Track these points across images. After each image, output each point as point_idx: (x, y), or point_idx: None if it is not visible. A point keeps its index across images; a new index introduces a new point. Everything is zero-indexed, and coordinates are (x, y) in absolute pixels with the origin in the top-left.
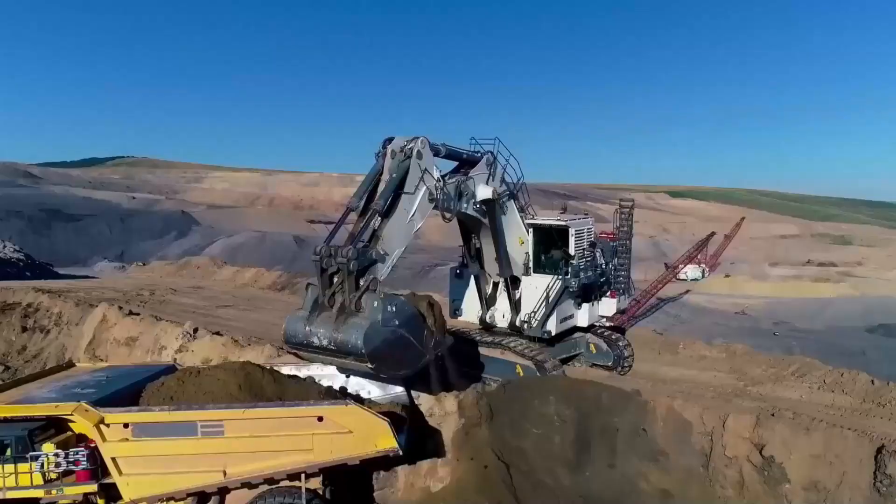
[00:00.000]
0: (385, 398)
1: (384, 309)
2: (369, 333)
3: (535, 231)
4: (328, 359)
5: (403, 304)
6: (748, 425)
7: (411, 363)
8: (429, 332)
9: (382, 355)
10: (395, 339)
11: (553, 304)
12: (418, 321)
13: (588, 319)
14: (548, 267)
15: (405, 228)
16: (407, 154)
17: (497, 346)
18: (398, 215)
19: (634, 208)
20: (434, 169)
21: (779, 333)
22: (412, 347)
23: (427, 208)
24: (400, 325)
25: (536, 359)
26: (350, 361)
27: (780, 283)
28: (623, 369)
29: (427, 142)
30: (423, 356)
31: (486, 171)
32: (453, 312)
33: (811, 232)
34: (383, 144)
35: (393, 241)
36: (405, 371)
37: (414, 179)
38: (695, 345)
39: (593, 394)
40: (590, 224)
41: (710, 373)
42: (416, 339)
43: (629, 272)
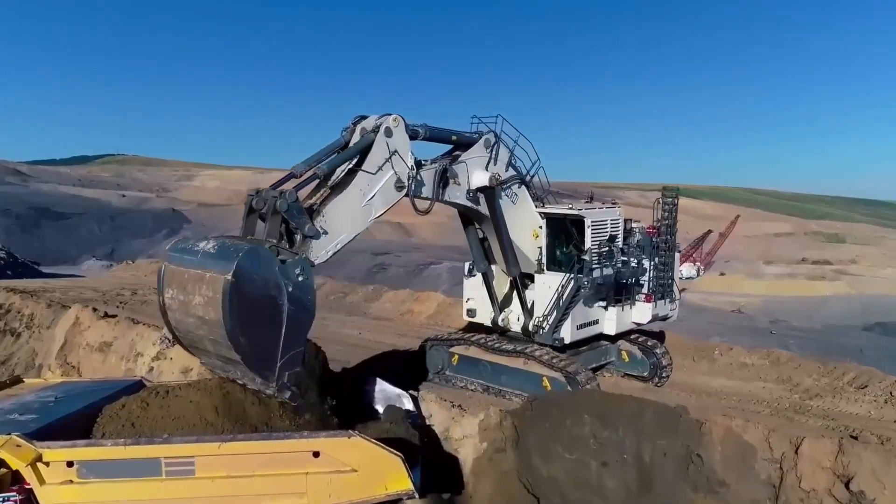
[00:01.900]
0: (391, 419)
1: (294, 267)
2: (250, 259)
3: (549, 222)
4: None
5: (310, 289)
6: (829, 451)
7: (265, 346)
8: (302, 368)
9: (248, 294)
10: (272, 304)
11: (565, 306)
12: (305, 321)
13: (616, 326)
14: (564, 264)
15: (359, 212)
16: (374, 130)
17: (518, 354)
18: (350, 193)
19: (679, 198)
20: (408, 154)
21: (776, 332)
22: (275, 332)
23: (393, 196)
24: (291, 301)
25: (566, 370)
26: (210, 273)
27: (776, 282)
28: (660, 381)
29: (401, 120)
30: (275, 353)
31: (484, 154)
32: (467, 313)
33: (805, 230)
34: (354, 121)
35: (339, 222)
36: (254, 350)
37: (377, 158)
38: (732, 350)
39: (635, 412)
40: (615, 215)
41: (757, 383)
42: (289, 333)
43: (673, 273)
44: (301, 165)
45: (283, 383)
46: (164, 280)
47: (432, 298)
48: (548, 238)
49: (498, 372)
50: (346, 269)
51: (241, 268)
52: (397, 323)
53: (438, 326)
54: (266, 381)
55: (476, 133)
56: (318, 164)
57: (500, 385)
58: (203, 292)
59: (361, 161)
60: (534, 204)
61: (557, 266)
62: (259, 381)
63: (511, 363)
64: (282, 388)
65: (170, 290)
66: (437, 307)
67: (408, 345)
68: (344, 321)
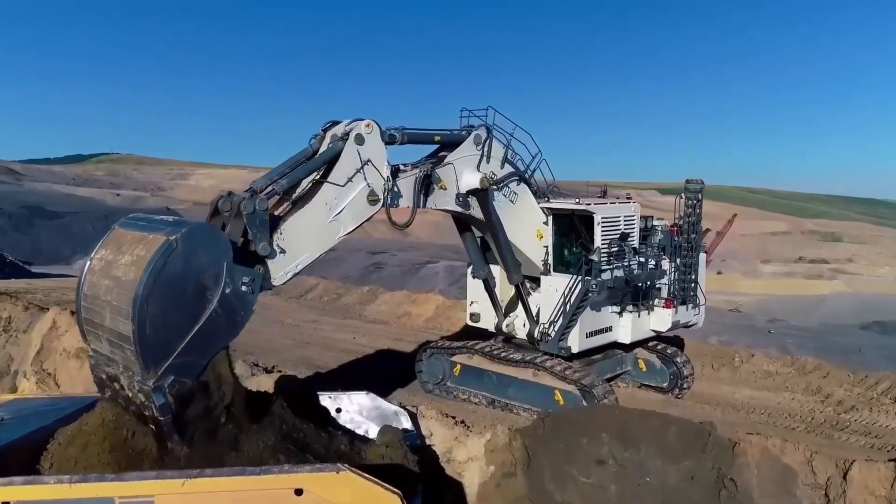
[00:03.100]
0: (386, 441)
1: (245, 274)
2: (205, 234)
3: (556, 219)
4: (135, 234)
5: (248, 306)
6: (883, 477)
7: (167, 333)
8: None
9: (182, 266)
10: (199, 293)
11: (572, 311)
12: (223, 335)
13: (632, 335)
14: (572, 265)
15: (324, 229)
16: (342, 138)
17: (528, 364)
18: (314, 208)
19: (703, 192)
20: (383, 163)
21: (774, 331)
22: (186, 325)
23: (365, 211)
24: (221, 304)
25: (581, 383)
26: (153, 235)
27: (773, 281)
28: (681, 392)
29: (375, 126)
30: (172, 347)
31: (474, 152)
32: (471, 317)
33: (801, 229)
34: (324, 128)
35: (300, 240)
36: (154, 331)
37: (347, 168)
38: (754, 357)
39: (658, 429)
40: (629, 211)
41: (784, 394)
42: (199, 336)
43: (697, 276)
44: (261, 180)
45: (162, 386)
46: (104, 241)
47: (430, 300)
48: (554, 237)
49: (505, 384)
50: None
51: (191, 235)
52: (394, 326)
53: (437, 330)
54: (146, 374)
55: (464, 129)
56: (280, 177)
57: (506, 398)
58: (136, 251)
59: (329, 171)
60: (537, 200)
61: (565, 267)
62: (139, 372)
63: (519, 374)
64: (157, 391)
65: (103, 250)
66: (435, 310)
67: (405, 351)
68: (338, 325)
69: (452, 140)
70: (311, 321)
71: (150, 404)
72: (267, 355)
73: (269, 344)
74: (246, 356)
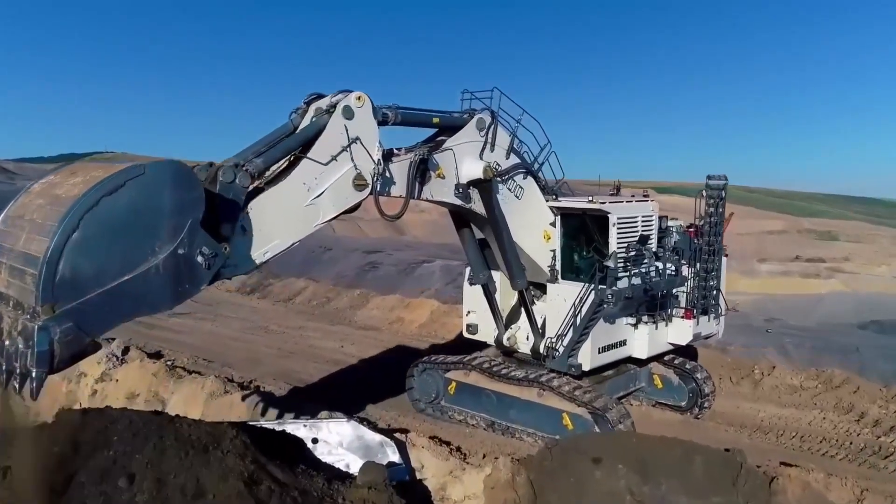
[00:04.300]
0: (370, 482)
1: (206, 243)
2: (180, 175)
3: (565, 219)
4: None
5: (196, 282)
6: None
7: (87, 272)
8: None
9: (135, 199)
10: (144, 239)
11: (584, 324)
12: (150, 301)
13: (648, 349)
14: (583, 271)
15: (299, 214)
16: (327, 111)
17: (531, 383)
18: (290, 188)
19: (727, 189)
20: (374, 144)
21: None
22: (111, 269)
23: (350, 197)
24: (165, 264)
25: (593, 405)
26: (119, 166)
27: (770, 280)
28: (700, 411)
29: (367, 99)
30: (84, 289)
31: (477, 138)
32: (468, 329)
33: (798, 228)
34: (306, 101)
35: (271, 224)
36: (70, 264)
37: (331, 146)
38: (776, 370)
39: (681, 459)
40: (647, 210)
41: (813, 412)
42: (122, 290)
43: (719, 283)
44: (231, 160)
45: (53, 328)
46: (58, 168)
47: (424, 305)
48: (563, 239)
49: (506, 405)
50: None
51: (165, 168)
52: (385, 333)
53: (431, 338)
54: (38, 310)
55: (466, 113)
56: (255, 156)
57: (508, 421)
58: (93, 174)
59: (310, 148)
60: (545, 198)
61: (575, 274)
62: (31, 307)
63: (522, 394)
64: (44, 331)
65: (53, 176)
66: (429, 315)
67: (396, 362)
68: (325, 332)
69: (453, 123)
70: (297, 327)
71: (26, 351)
72: (246, 367)
73: (251, 354)
74: (223, 369)
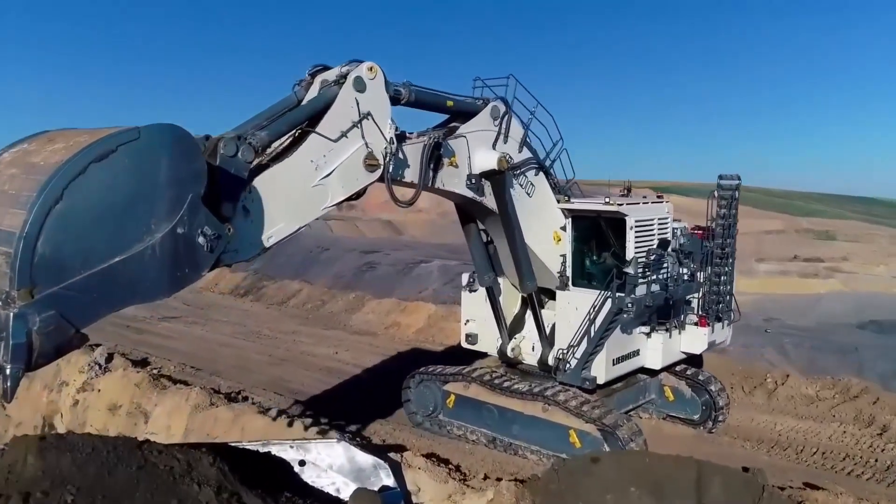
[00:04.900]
0: (362, 503)
1: (209, 223)
2: (181, 142)
3: (577, 221)
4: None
5: (197, 266)
6: None
7: (68, 252)
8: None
9: (126, 166)
10: (142, 213)
11: (599, 335)
12: (146, 288)
13: (662, 359)
14: (596, 278)
15: (306, 195)
16: (337, 82)
17: (536, 397)
18: (296, 165)
19: (740, 189)
20: (386, 120)
21: (770, 330)
22: (101, 249)
23: (360, 178)
24: (164, 243)
25: (602, 421)
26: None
27: (769, 279)
28: (714, 425)
29: (380, 71)
30: (68, 270)
31: (490, 127)
32: (466, 339)
33: (796, 227)
34: (311, 72)
35: (275, 205)
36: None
37: (341, 120)
38: (790, 378)
39: (697, 480)
40: (663, 212)
41: (832, 425)
42: (113, 273)
43: (732, 288)
44: (232, 133)
45: (31, 316)
46: (33, 136)
47: (421, 309)
48: (574, 243)
49: (508, 420)
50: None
51: (162, 132)
52: (381, 339)
53: (429, 344)
54: (13, 293)
55: (480, 99)
56: (256, 129)
57: (510, 437)
58: (77, 139)
59: (317, 122)
60: (555, 198)
61: (587, 280)
62: (3, 290)
63: (526, 409)
64: (20, 319)
65: (26, 144)
66: (427, 319)
67: (392, 370)
68: (319, 337)
69: (467, 109)
70: (290, 332)
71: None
72: (236, 376)
73: (241, 361)
74: (211, 378)
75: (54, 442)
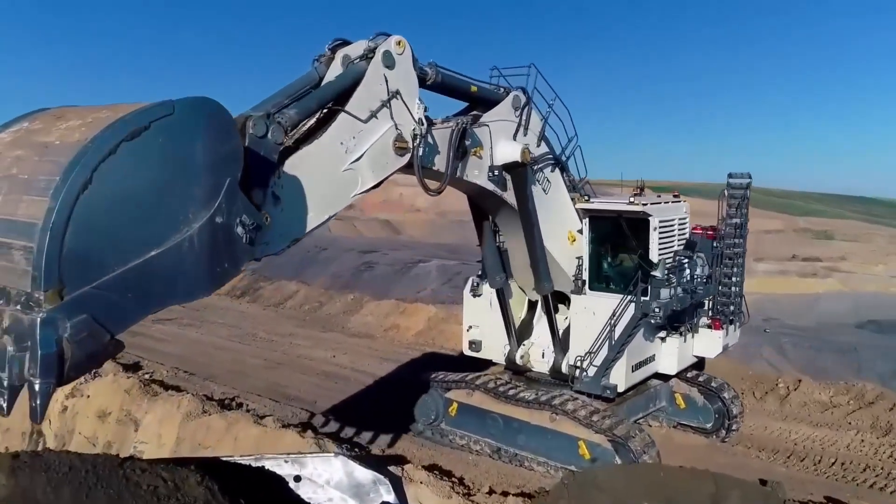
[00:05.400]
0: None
1: (247, 211)
2: (219, 118)
3: (595, 222)
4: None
5: (236, 260)
6: None
7: (101, 246)
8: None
9: (153, 143)
10: (181, 188)
11: (622, 342)
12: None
13: (677, 363)
14: (615, 281)
15: (336, 180)
16: (366, 56)
17: (543, 406)
18: (326, 147)
19: (751, 189)
20: (415, 99)
21: (769, 330)
22: (134, 242)
23: (391, 163)
24: (202, 233)
25: (613, 432)
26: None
27: (767, 279)
28: (728, 434)
29: (408, 46)
30: (102, 268)
31: (511, 118)
32: (470, 346)
33: (794, 227)
34: (331, 47)
35: (306, 192)
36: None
37: (370, 99)
38: (802, 384)
39: (715, 496)
40: (682, 212)
41: (849, 433)
42: (150, 268)
43: (742, 289)
44: (258, 110)
45: (61, 321)
46: (29, 115)
47: (421, 311)
48: (592, 246)
49: (514, 430)
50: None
51: (198, 108)
52: (380, 341)
53: (429, 347)
54: (38, 294)
55: (501, 88)
56: (279, 108)
57: (516, 448)
58: (95, 115)
59: (342, 102)
60: (570, 196)
61: (605, 284)
62: (17, 299)
63: (532, 419)
64: (48, 325)
65: (26, 122)
66: (427, 322)
67: (391, 375)
68: (316, 339)
69: (489, 97)
70: (287, 335)
71: (21, 355)
72: (230, 381)
73: (236, 365)
74: (205, 383)
75: (28, 460)
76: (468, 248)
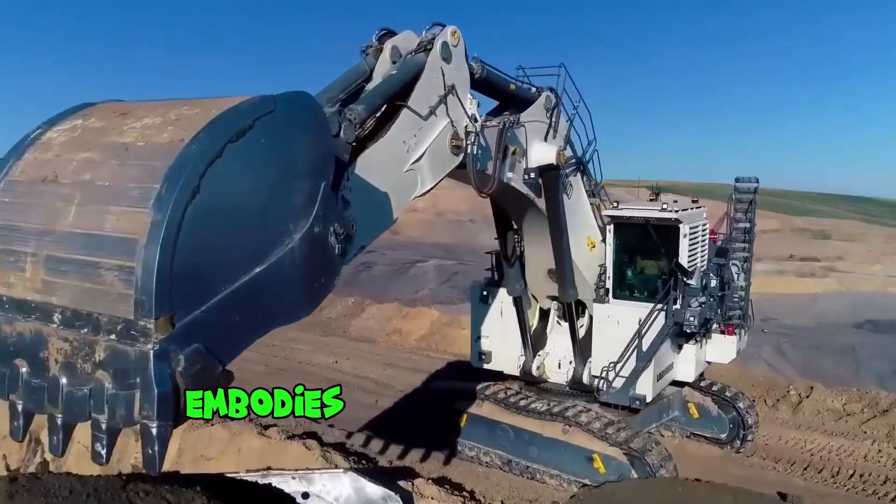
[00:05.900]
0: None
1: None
2: (301, 102)
3: (620, 229)
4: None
5: (332, 269)
6: None
7: (225, 258)
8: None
9: (256, 145)
10: (284, 194)
11: (652, 352)
12: (301, 294)
13: (695, 369)
14: (638, 289)
15: (399, 181)
16: (425, 48)
17: (555, 417)
18: (390, 147)
19: (758, 193)
20: (467, 93)
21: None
22: (241, 260)
23: (448, 162)
24: (304, 242)
25: (629, 445)
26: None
27: (765, 279)
28: (742, 444)
29: (462, 37)
30: (209, 291)
31: (543, 118)
32: (478, 357)
33: (791, 227)
34: (378, 37)
35: (373, 195)
36: (185, 254)
37: (429, 93)
38: (814, 391)
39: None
40: (703, 218)
41: (865, 442)
42: (258, 286)
43: (748, 293)
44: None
45: (174, 353)
46: (79, 111)
47: (424, 315)
48: (616, 253)
49: (525, 442)
50: None
51: (292, 104)
52: (383, 346)
53: (432, 352)
54: (137, 332)
55: (534, 87)
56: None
57: (528, 461)
58: (177, 112)
59: (404, 97)
60: (590, 202)
61: (629, 292)
62: (111, 327)
63: (545, 431)
64: (162, 359)
65: (80, 119)
66: (430, 326)
67: (395, 381)
68: (318, 344)
69: (523, 96)
70: (288, 340)
71: (125, 394)
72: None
73: (238, 372)
74: None
75: (27, 484)
76: (465, 248)
